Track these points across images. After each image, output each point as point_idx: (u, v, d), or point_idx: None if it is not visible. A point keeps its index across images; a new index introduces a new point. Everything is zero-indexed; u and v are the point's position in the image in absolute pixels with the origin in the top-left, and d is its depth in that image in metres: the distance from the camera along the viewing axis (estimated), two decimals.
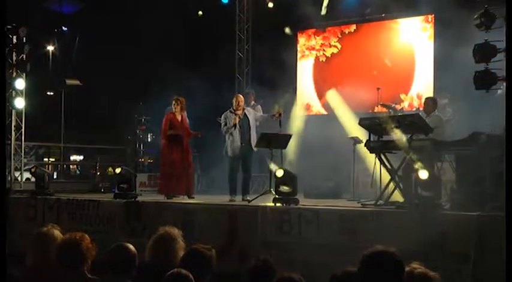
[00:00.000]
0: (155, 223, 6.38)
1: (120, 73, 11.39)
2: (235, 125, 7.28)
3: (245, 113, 7.41)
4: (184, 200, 7.45)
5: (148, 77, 11.17)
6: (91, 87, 11.67)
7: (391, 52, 9.74)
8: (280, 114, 7.32)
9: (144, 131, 10.33)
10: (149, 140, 9.85)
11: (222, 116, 7.48)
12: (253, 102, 9.27)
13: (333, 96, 9.97)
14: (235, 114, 7.31)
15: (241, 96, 7.54)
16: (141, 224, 6.61)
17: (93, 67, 11.81)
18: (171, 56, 10.90)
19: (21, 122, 9.35)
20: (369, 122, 6.31)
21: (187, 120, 8.01)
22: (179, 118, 7.77)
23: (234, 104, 7.40)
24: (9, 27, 8.69)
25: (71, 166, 13.25)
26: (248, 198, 7.11)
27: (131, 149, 10.56)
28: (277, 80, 9.57)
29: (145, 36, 10.70)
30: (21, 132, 9.37)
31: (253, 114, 7.51)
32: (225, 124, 7.36)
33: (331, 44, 10.29)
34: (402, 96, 9.46)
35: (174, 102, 7.78)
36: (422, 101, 8.96)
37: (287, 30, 10.34)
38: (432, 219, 5.05)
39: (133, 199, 7.17)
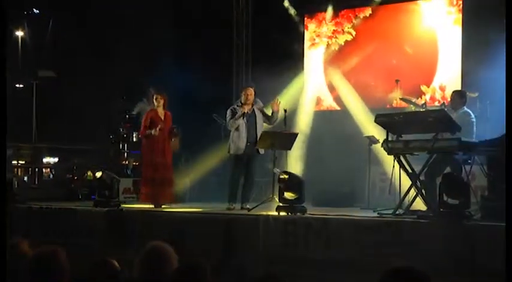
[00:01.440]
0: (141, 235, 6.43)
1: (100, 63, 11.39)
2: (243, 115, 7.28)
3: (253, 110, 7.42)
4: (175, 208, 7.47)
5: (132, 68, 11.17)
6: (67, 79, 11.66)
7: (412, 38, 9.74)
8: (280, 106, 7.31)
9: (129, 129, 10.33)
10: (134, 139, 9.87)
11: (228, 110, 7.49)
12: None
13: (346, 89, 9.97)
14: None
15: (250, 89, 7.55)
16: (125, 236, 6.63)
17: (70, 56, 11.80)
18: (158, 43, 10.90)
19: None
20: (386, 119, 6.32)
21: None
22: (162, 116, 7.86)
23: (242, 97, 7.42)
24: None
25: (43, 169, 13.23)
26: (248, 206, 7.12)
27: (114, 150, 10.57)
28: (283, 71, 9.57)
29: (128, 19, 10.70)
30: None
31: (262, 112, 7.51)
32: (231, 117, 7.37)
33: (345, 30, 10.28)
34: (423, 88, 9.46)
35: (155, 97, 7.85)
36: (446, 93, 8.97)
37: (286, 3, 10.31)
38: (460, 231, 5.05)
39: (116, 208, 7.18)
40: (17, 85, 14.54)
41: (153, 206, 7.66)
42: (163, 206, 7.73)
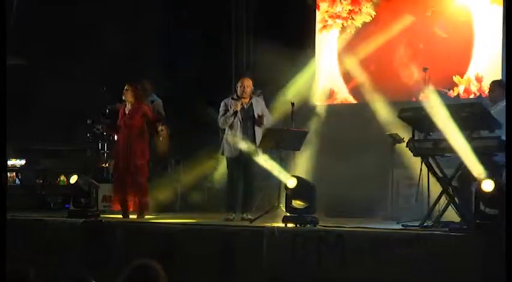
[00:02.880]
0: (124, 250, 6.44)
1: (77, 48, 11.36)
2: (235, 113, 7.31)
3: (251, 103, 7.45)
4: (164, 219, 7.48)
5: (115, 54, 11.16)
6: (37, 67, 11.65)
7: (442, 19, 9.72)
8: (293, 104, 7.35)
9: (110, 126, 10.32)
10: (116, 138, 9.84)
11: (222, 103, 7.54)
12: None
13: (364, 80, 9.97)
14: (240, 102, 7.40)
15: (248, 80, 7.59)
16: (105, 252, 6.64)
17: (41, 40, 11.78)
18: (146, 25, 10.89)
19: None
20: (412, 114, 6.32)
21: (150, 111, 8.18)
22: (128, 110, 7.96)
23: (238, 89, 7.45)
24: None
25: (8, 174, 13.24)
26: (250, 216, 7.15)
27: (91, 151, 10.56)
28: (290, 58, 9.55)
29: None
30: None
31: (261, 107, 7.53)
32: (224, 113, 7.40)
33: (363, 10, 10.27)
34: (456, 78, 9.45)
35: (126, 88, 7.98)
36: (483, 84, 8.94)
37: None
38: (499, 246, 5.04)
39: (94, 218, 7.20)
40: None
41: (135, 216, 7.69)
42: (147, 216, 7.76)
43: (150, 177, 8.09)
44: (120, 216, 7.76)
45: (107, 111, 9.80)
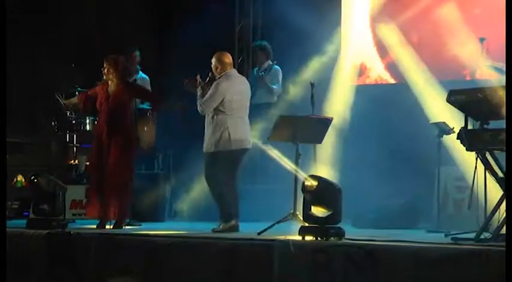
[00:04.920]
0: (98, 270, 6.46)
1: (40, 18, 11.43)
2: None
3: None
4: (149, 230, 7.51)
5: (87, 22, 11.21)
6: None
7: None
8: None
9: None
10: (88, 127, 9.88)
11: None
12: (268, 62, 9.28)
13: (404, 53, 9.96)
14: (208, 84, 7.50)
15: (222, 54, 7.54)
16: (74, 271, 6.67)
17: None
18: None
19: None
20: (465, 98, 6.29)
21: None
22: (110, 89, 7.99)
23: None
24: None
25: None
26: None
27: (57, 144, 10.59)
28: (310, 26, 9.56)
29: None
30: None
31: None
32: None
33: None
34: None
35: (105, 64, 7.99)
36: None
37: None
38: None
39: (60, 229, 7.22)
40: None
41: (112, 226, 7.75)
42: (128, 227, 7.79)
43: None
44: (94, 226, 7.79)
45: (77, 93, 9.81)
